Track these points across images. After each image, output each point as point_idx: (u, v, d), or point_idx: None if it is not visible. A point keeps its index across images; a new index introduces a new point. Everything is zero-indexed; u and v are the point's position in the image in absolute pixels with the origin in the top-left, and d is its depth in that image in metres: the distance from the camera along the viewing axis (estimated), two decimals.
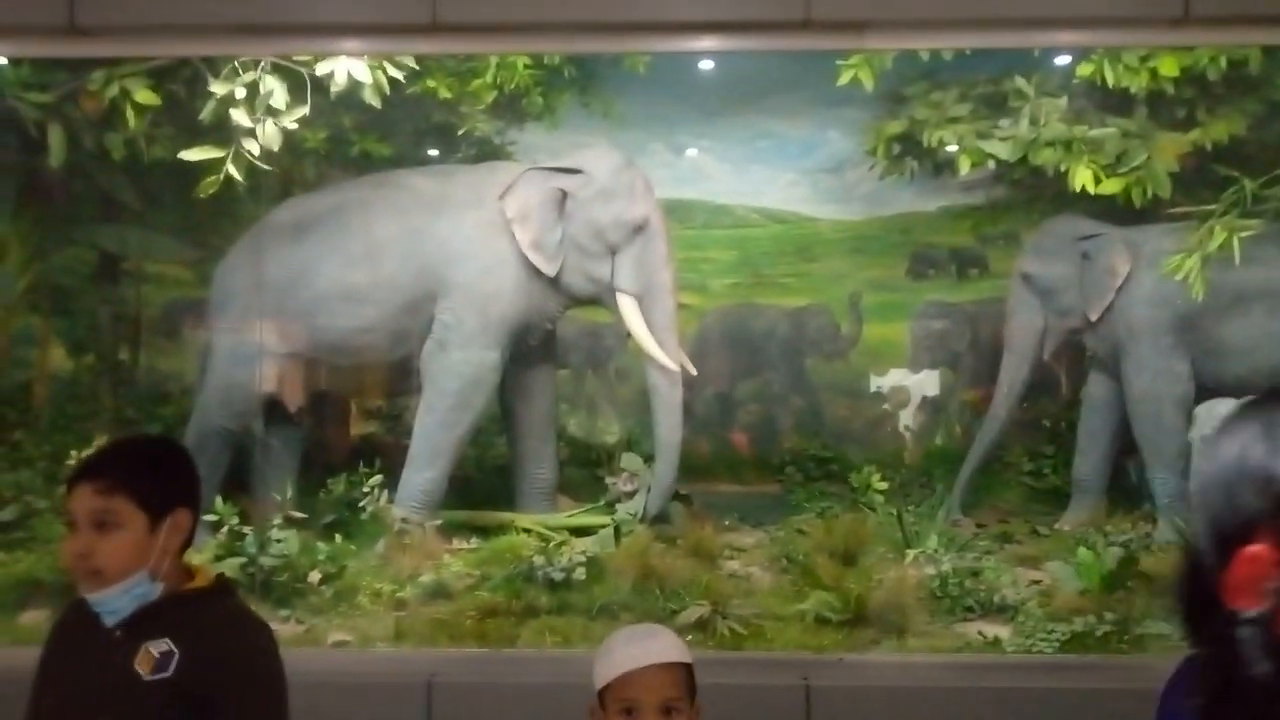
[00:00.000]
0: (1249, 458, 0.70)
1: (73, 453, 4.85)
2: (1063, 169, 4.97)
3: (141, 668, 1.59)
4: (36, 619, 4.05)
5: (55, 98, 4.76)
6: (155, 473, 1.69)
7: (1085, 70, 4.68)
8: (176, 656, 1.59)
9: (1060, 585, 4.17)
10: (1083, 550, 4.28)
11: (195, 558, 1.80)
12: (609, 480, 5.06)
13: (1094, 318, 5.12)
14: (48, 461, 5.08)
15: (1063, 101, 5.03)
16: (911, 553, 4.30)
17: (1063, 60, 4.89)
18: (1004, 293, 5.60)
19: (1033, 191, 5.72)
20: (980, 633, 3.86)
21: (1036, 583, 4.31)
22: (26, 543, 4.61)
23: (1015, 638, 3.84)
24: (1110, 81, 4.61)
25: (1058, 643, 3.81)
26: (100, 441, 4.94)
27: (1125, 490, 5.19)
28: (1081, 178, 4.88)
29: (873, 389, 6.14)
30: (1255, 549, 0.67)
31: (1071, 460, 5.28)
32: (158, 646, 1.60)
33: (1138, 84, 4.67)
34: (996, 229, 6.22)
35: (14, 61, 4.54)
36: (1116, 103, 4.98)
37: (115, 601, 1.64)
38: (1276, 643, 0.64)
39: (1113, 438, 5.17)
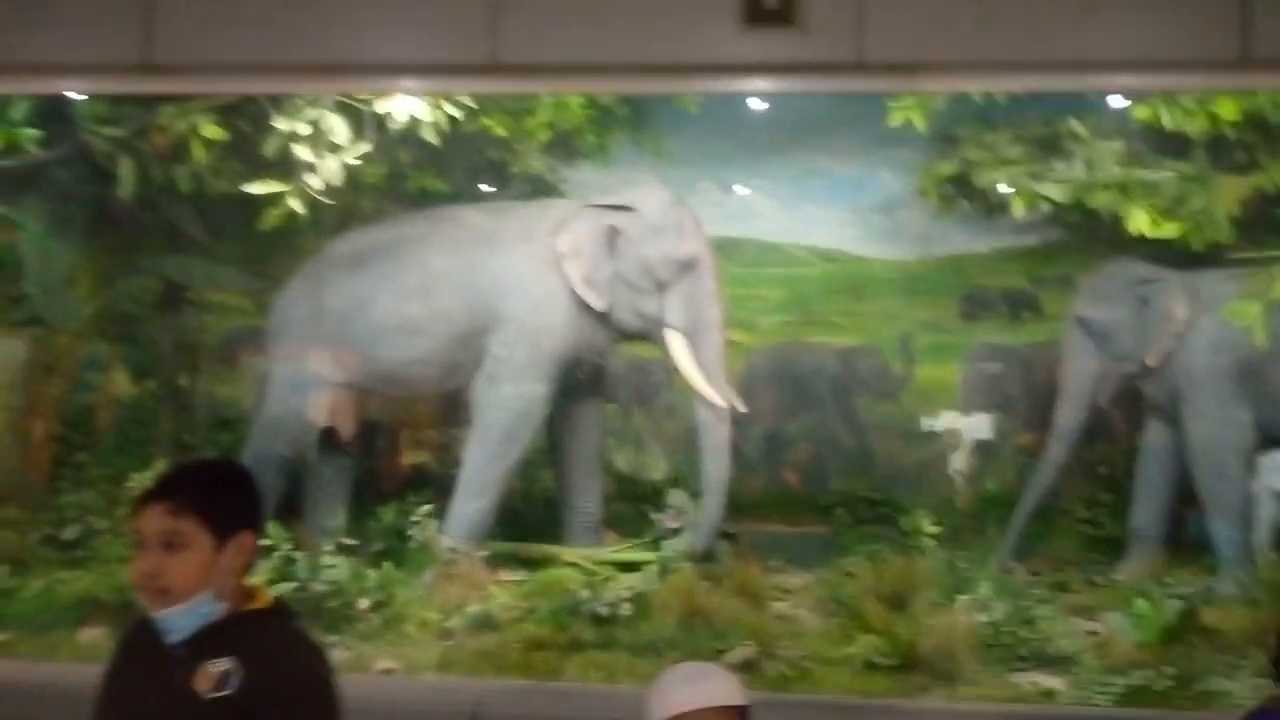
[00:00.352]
0: None
1: (133, 475, 4.98)
2: (1118, 212, 4.91)
3: (201, 686, 1.62)
4: (95, 636, 4.13)
5: (127, 132, 4.96)
6: (222, 496, 1.74)
7: (1141, 113, 4.64)
8: (235, 676, 1.62)
9: (1118, 637, 4.06)
10: (1141, 601, 4.16)
11: (249, 581, 1.84)
12: (655, 516, 5.05)
13: (1152, 364, 5.02)
14: (109, 483, 5.21)
15: (1118, 144, 4.99)
16: (962, 599, 4.22)
17: (1118, 103, 4.84)
18: (1058, 336, 5.51)
19: (1088, 234, 5.65)
20: (1034, 683, 3.77)
21: (1093, 634, 4.20)
22: (87, 561, 4.72)
23: (1071, 690, 3.74)
24: (1167, 124, 4.56)
25: (1114, 696, 3.70)
26: (160, 465, 5.08)
27: (1185, 541, 5.04)
28: (1138, 221, 4.82)
29: (923, 429, 6.08)
30: None
31: (1129, 509, 5.14)
32: (218, 665, 1.63)
33: (1196, 127, 4.61)
34: (1050, 271, 6.15)
35: (89, 97, 4.73)
36: (1174, 145, 4.92)
37: (180, 620, 1.67)
38: None
39: (1172, 486, 5.04)
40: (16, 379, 5.47)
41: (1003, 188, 5.28)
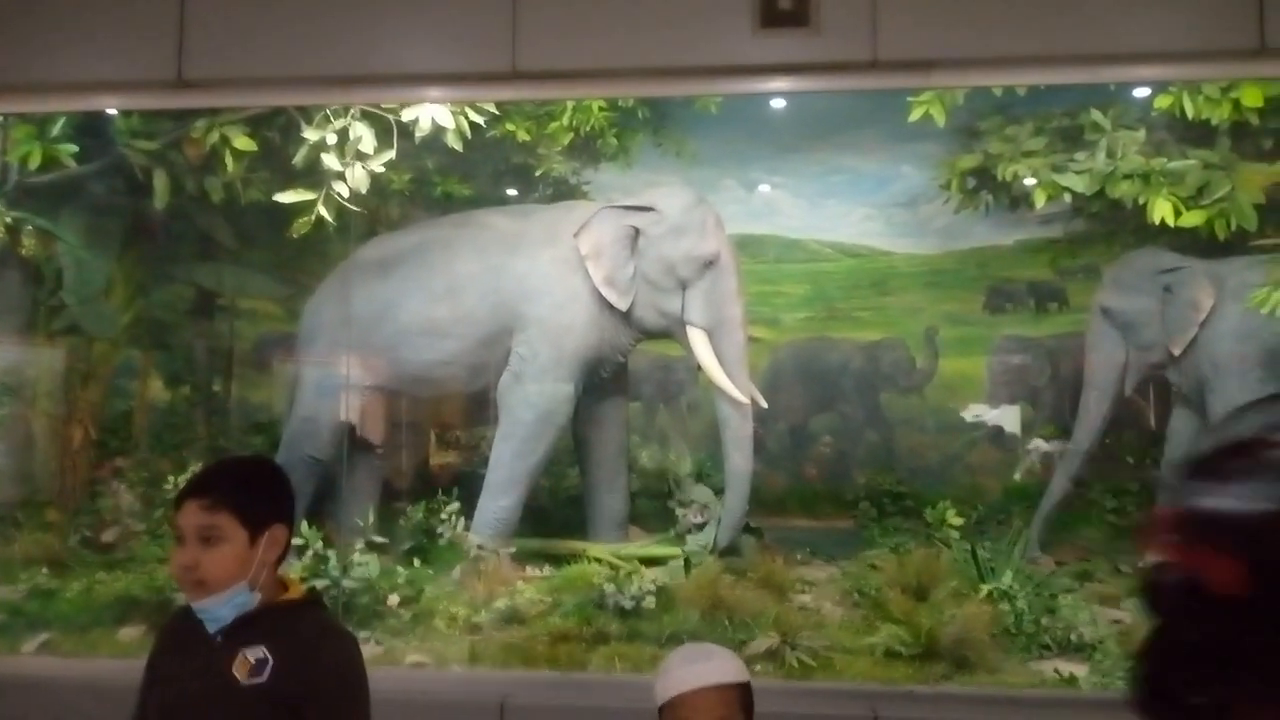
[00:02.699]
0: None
1: (170, 479, 5.10)
2: (1141, 202, 4.90)
3: (238, 672, 1.71)
4: (134, 634, 4.25)
5: (161, 145, 5.07)
6: (255, 491, 1.83)
7: (1163, 102, 4.62)
8: (271, 663, 1.71)
9: (1142, 624, 4.04)
10: None
11: (283, 572, 1.92)
12: (679, 512, 5.10)
13: (1177, 352, 5.01)
14: (146, 486, 5.33)
15: (1140, 134, 4.97)
16: (986, 588, 4.24)
17: (1140, 92, 4.83)
18: (1083, 327, 5.50)
19: (1112, 224, 5.64)
20: (1056, 670, 3.79)
21: (1117, 622, 4.20)
22: (125, 563, 4.83)
23: (1092, 675, 3.75)
24: (1190, 113, 4.54)
25: None
26: (195, 468, 5.20)
27: None
28: (1161, 210, 4.80)
29: (948, 422, 6.09)
30: (1161, 510, 0.87)
31: (1156, 497, 5.12)
32: (254, 653, 1.72)
33: (1219, 115, 4.58)
34: (1075, 262, 6.14)
35: (124, 112, 4.86)
36: (1197, 134, 4.90)
37: (218, 610, 1.77)
38: (1181, 574, 0.84)
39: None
40: (56, 386, 5.60)
41: (1025, 180, 5.27)
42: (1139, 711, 0.86)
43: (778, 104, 4.87)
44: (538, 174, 5.87)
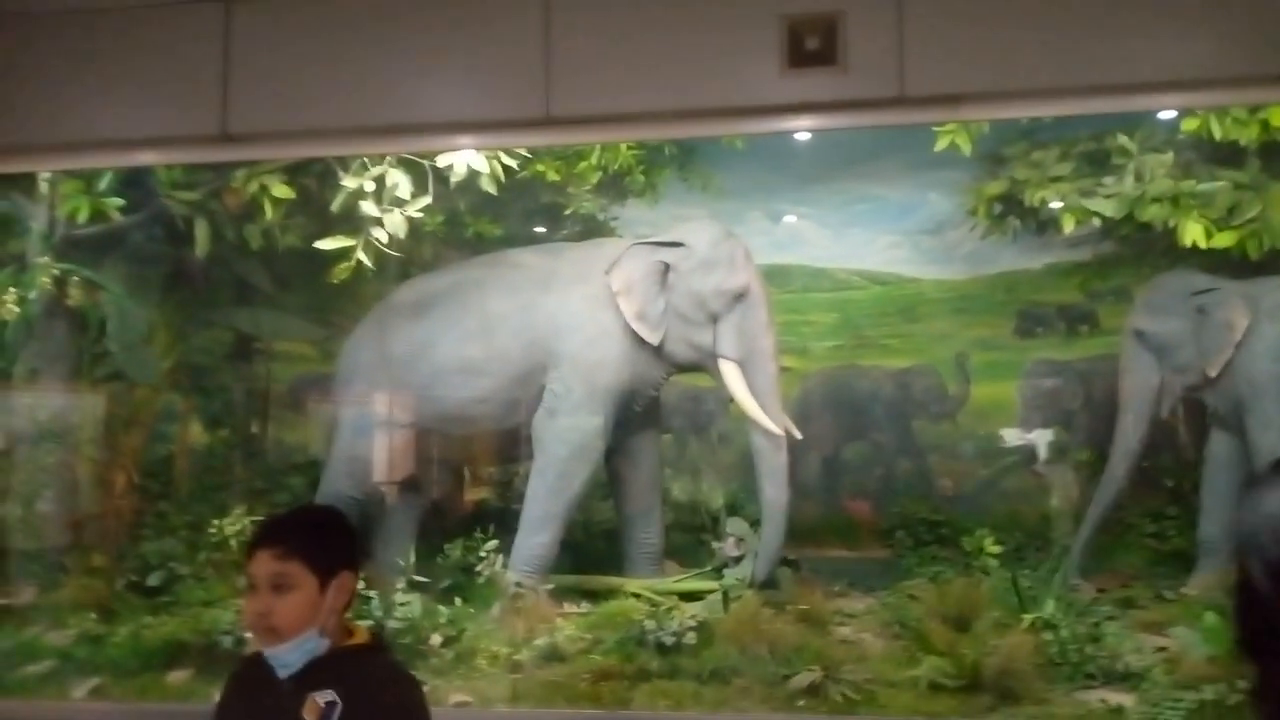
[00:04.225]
0: None
1: (214, 522, 5.17)
2: (1172, 224, 4.89)
3: (309, 716, 1.76)
4: (182, 678, 4.29)
5: (202, 195, 5.20)
6: (324, 539, 1.89)
7: (1191, 125, 4.63)
8: (340, 707, 1.76)
9: (1187, 652, 4.00)
10: (1210, 615, 4.09)
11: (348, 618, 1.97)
12: (716, 545, 5.10)
13: (1213, 374, 4.97)
14: (189, 530, 5.39)
15: (1168, 156, 4.98)
16: (1028, 617, 4.20)
17: (1166, 115, 4.83)
18: (1116, 350, 5.46)
19: (1141, 247, 5.63)
20: (1103, 700, 3.75)
21: (1162, 649, 4.15)
22: (171, 606, 4.87)
23: (1140, 706, 3.71)
24: (1218, 135, 4.55)
25: (1185, 712, 3.64)
26: (237, 511, 5.27)
27: None
28: (1191, 233, 4.80)
29: (982, 448, 6.06)
30: None
31: (1196, 521, 5.06)
32: (324, 697, 1.77)
33: (1248, 136, 4.59)
34: (1105, 285, 6.12)
35: (167, 165, 4.99)
36: (1226, 155, 4.90)
37: (289, 656, 1.82)
38: None
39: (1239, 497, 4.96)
40: (99, 432, 5.70)
41: (1052, 205, 5.28)
42: None
43: (802, 138, 4.92)
44: (567, 212, 5.95)
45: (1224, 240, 4.80)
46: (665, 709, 3.81)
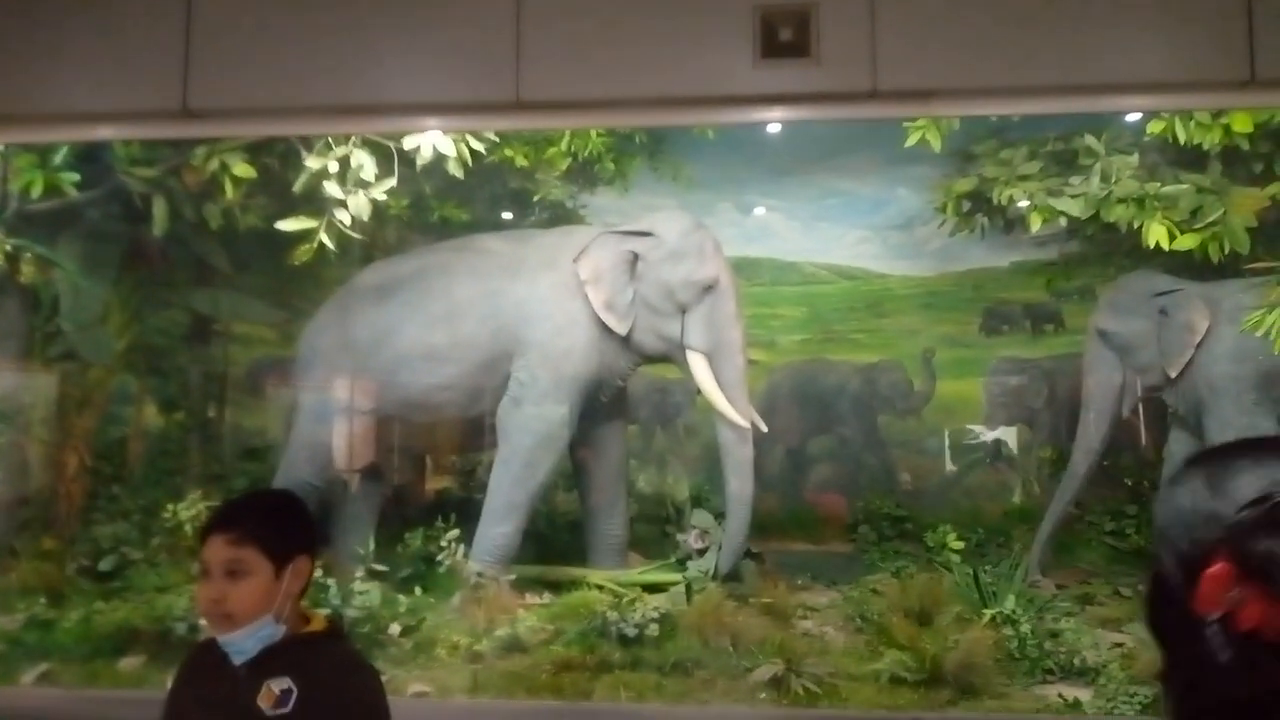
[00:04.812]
0: (1198, 502, 0.93)
1: (169, 506, 5.07)
2: (1136, 225, 4.94)
3: (264, 704, 1.72)
4: (134, 664, 4.21)
5: (160, 172, 5.08)
6: (280, 524, 1.84)
7: (1156, 127, 4.67)
8: (295, 694, 1.72)
9: (1144, 648, 4.06)
10: None
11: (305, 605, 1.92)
12: (680, 537, 5.09)
13: (1173, 374, 5.04)
14: (142, 514, 5.30)
15: (1134, 158, 5.02)
16: (989, 613, 4.24)
17: (1133, 118, 4.88)
18: (1080, 349, 5.53)
19: (1107, 247, 5.69)
20: (1060, 695, 3.78)
21: (1119, 645, 4.20)
22: (123, 592, 4.79)
23: (1097, 700, 3.75)
24: (1182, 138, 4.60)
25: (1140, 705, 3.70)
26: (192, 496, 5.18)
27: None
28: (1155, 234, 4.85)
29: (946, 444, 6.10)
30: (1215, 569, 0.90)
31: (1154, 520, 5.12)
32: (279, 684, 1.73)
33: (1211, 140, 4.64)
34: (1071, 284, 6.18)
35: (124, 140, 4.86)
36: (1190, 158, 4.95)
37: (243, 643, 1.77)
38: (1236, 635, 0.88)
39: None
40: (51, 413, 5.58)
41: (1020, 203, 5.32)
42: None
43: (773, 130, 4.90)
44: (535, 199, 5.89)
45: (1187, 242, 4.86)
46: (627, 700, 3.80)
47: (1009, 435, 6.20)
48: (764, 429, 5.09)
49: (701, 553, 4.92)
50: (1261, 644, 0.87)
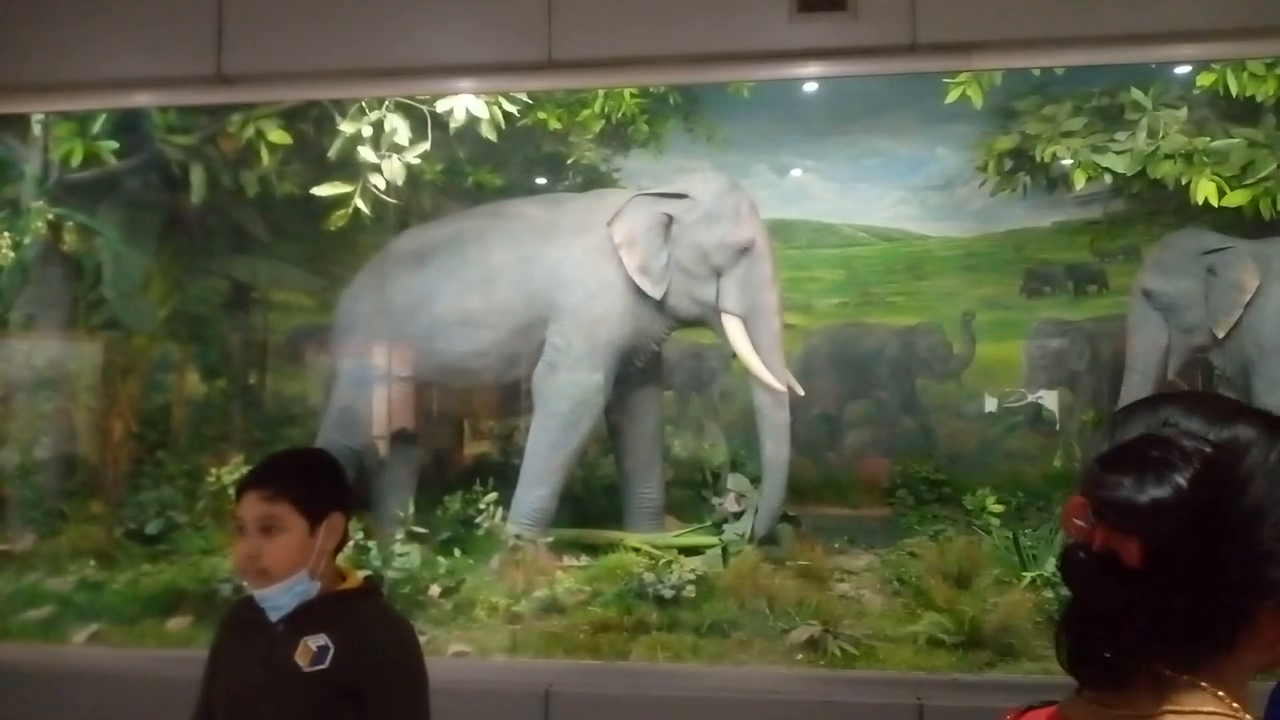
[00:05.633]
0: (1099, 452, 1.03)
1: (213, 470, 5.16)
2: (1184, 182, 4.82)
3: (301, 659, 1.74)
4: (181, 625, 4.31)
5: (197, 140, 5.12)
6: (313, 481, 1.86)
7: (1206, 80, 4.54)
8: (332, 650, 1.74)
9: None
10: None
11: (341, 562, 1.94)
12: (715, 501, 5.09)
13: (1221, 335, 4.92)
14: (187, 479, 5.40)
15: (1182, 112, 4.88)
16: (1028, 575, 4.20)
17: (1182, 70, 4.74)
18: (1124, 310, 5.41)
19: (1153, 205, 5.55)
20: None
21: None
22: (169, 554, 4.90)
23: None
24: (1234, 90, 4.46)
25: None
26: (235, 460, 5.26)
27: None
28: (1204, 190, 4.72)
29: (987, 408, 6.03)
30: (1073, 499, 1.01)
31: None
32: (315, 640, 1.75)
33: (1265, 92, 4.50)
34: (1115, 244, 6.05)
35: (161, 108, 4.90)
36: (1241, 112, 4.80)
37: (279, 598, 1.79)
38: (1091, 559, 0.98)
39: None
40: (96, 380, 5.68)
41: (1064, 161, 5.20)
42: (1067, 670, 1.03)
43: (810, 88, 4.82)
44: (569, 162, 5.85)
45: (1236, 199, 4.73)
46: (664, 661, 3.82)
47: (1050, 398, 6.10)
48: (800, 393, 5.05)
49: (738, 516, 4.92)
50: (1115, 566, 0.96)
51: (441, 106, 4.40)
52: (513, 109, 4.65)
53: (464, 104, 4.34)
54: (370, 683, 1.73)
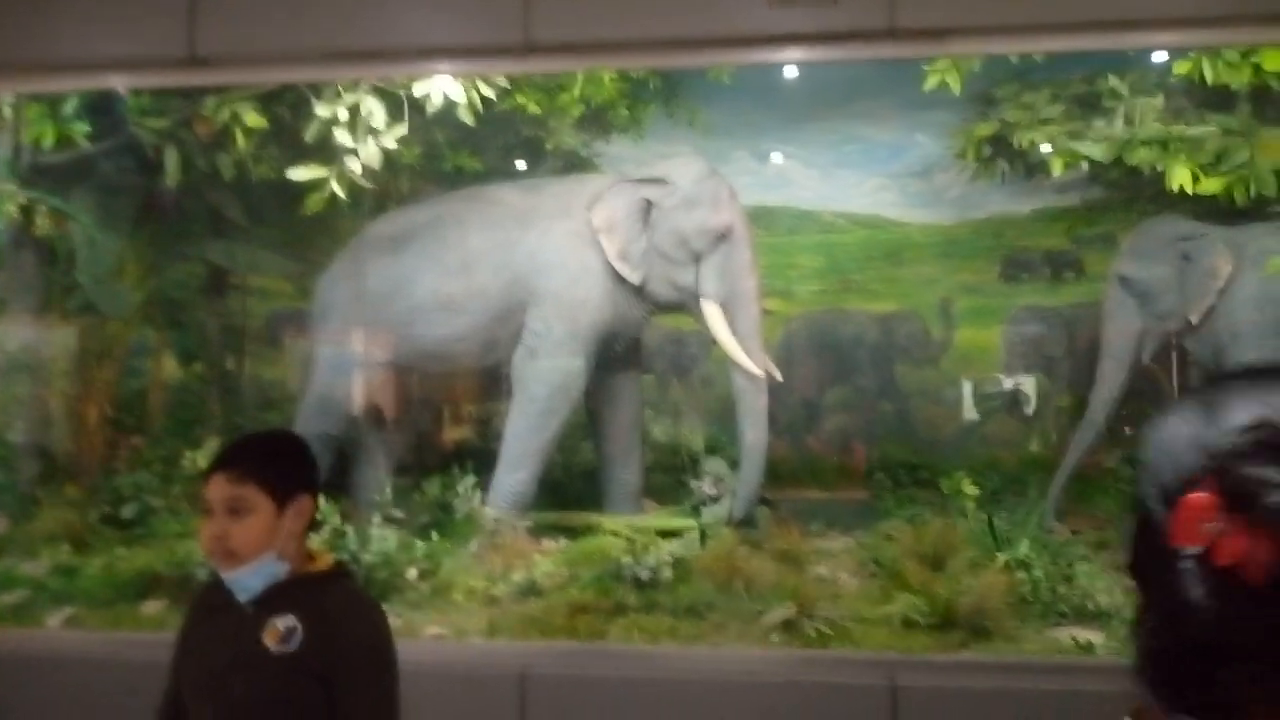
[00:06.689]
0: (1188, 429, 0.86)
1: (187, 453, 5.13)
2: (1160, 169, 4.85)
3: (269, 641, 1.74)
4: (156, 609, 4.29)
5: (172, 123, 5.06)
6: (280, 462, 1.85)
7: (1182, 68, 4.57)
8: (300, 632, 1.73)
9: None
10: None
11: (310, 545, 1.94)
12: (694, 484, 5.12)
13: (1195, 320, 4.97)
14: (162, 464, 5.37)
15: (1159, 100, 4.92)
16: (1002, 558, 4.24)
17: (1159, 58, 4.77)
18: (1100, 296, 5.45)
19: (1129, 192, 5.59)
20: (1073, 637, 3.80)
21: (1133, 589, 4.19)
22: (145, 539, 4.87)
23: (1108, 642, 3.76)
24: (1210, 79, 4.49)
25: None
26: (211, 445, 5.23)
27: None
28: (1179, 177, 4.76)
29: (964, 393, 6.08)
30: (1195, 496, 0.81)
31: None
32: (284, 622, 1.75)
33: (1239, 80, 4.53)
34: (1092, 231, 6.10)
35: (135, 91, 4.84)
36: (1217, 100, 4.84)
37: (247, 580, 1.79)
38: (1212, 573, 0.79)
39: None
40: (71, 365, 5.63)
41: (1042, 148, 5.23)
42: (1145, 689, 0.86)
43: (790, 74, 4.82)
44: (548, 147, 5.84)
45: (1211, 186, 4.77)
46: (641, 643, 3.84)
47: (1027, 384, 6.16)
48: (779, 378, 5.07)
49: (716, 499, 4.94)
50: (1239, 583, 0.78)
51: (419, 90, 4.36)
52: (490, 93, 4.62)
53: (441, 87, 4.31)
54: (339, 667, 1.73)
